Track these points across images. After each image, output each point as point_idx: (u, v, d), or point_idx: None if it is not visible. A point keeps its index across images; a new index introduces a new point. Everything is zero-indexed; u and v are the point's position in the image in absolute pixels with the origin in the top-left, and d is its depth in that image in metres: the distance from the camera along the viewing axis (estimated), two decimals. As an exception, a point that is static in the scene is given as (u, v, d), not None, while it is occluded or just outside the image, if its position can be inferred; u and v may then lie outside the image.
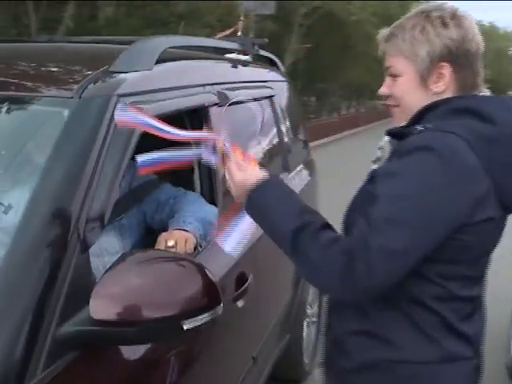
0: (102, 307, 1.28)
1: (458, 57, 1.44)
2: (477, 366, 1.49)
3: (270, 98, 3.20)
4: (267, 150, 3.08)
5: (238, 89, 2.65)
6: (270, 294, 2.53)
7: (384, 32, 1.54)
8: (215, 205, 2.17)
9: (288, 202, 1.42)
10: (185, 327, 1.30)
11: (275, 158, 3.18)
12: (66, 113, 1.58)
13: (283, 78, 3.85)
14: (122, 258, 1.38)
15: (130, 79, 1.79)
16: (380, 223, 1.29)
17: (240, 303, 2.06)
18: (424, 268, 1.36)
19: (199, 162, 2.24)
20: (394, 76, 1.50)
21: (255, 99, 2.91)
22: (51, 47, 2.34)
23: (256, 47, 3.25)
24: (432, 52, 1.44)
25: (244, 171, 1.49)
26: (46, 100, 1.66)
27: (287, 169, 3.26)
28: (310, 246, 1.33)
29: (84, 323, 1.27)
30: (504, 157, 1.38)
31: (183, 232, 1.86)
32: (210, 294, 1.37)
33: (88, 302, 1.28)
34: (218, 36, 4.48)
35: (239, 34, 3.74)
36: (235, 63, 2.92)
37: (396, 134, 1.55)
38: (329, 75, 21.51)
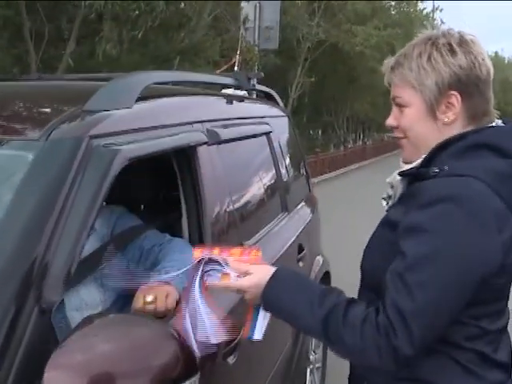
0: (59, 380, 1.11)
1: (467, 85, 1.37)
2: None
3: (266, 134, 3.06)
4: (265, 190, 2.93)
5: (231, 126, 2.52)
6: (264, 345, 2.34)
7: (389, 61, 1.46)
8: (203, 252, 2.01)
9: (305, 292, 1.39)
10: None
11: (273, 198, 3.03)
12: (30, 157, 1.43)
13: (282, 113, 3.73)
14: (85, 322, 1.22)
15: (106, 119, 1.65)
16: (412, 289, 1.25)
17: (231, 360, 1.88)
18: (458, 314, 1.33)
19: (187, 207, 2.10)
20: (401, 107, 1.43)
21: (250, 136, 2.79)
22: (25, 86, 2.22)
23: (252, 82, 3.13)
24: (440, 81, 1.37)
25: (251, 276, 1.43)
26: (11, 143, 1.52)
27: (286, 208, 3.11)
28: (342, 332, 1.30)
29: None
30: None
31: (164, 285, 1.69)
32: (186, 362, 1.20)
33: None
34: (218, 71, 4.38)
35: (236, 68, 3.62)
36: (228, 99, 2.79)
37: (409, 176, 1.45)
38: (334, 108, 21.53)
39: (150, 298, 1.61)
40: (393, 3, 22.46)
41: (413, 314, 1.24)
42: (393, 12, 22.28)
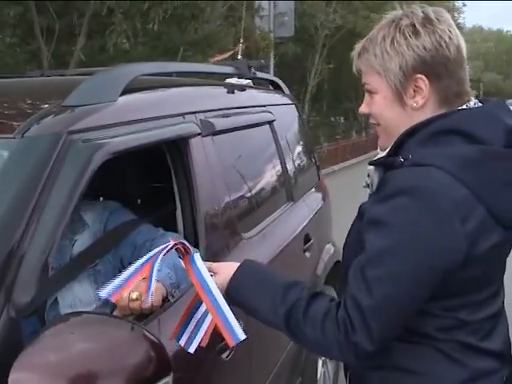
0: (26, 381, 1.08)
1: (433, 66, 1.31)
2: (507, 376, 1.43)
3: (269, 122, 3.01)
4: (267, 179, 2.88)
5: (228, 116, 2.47)
6: (265, 341, 2.30)
7: (357, 47, 1.40)
8: (198, 245, 1.98)
9: (268, 287, 1.38)
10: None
11: (277, 188, 2.98)
12: (5, 154, 1.41)
13: (288, 101, 3.66)
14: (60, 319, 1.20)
15: (86, 113, 1.62)
16: (372, 284, 1.24)
17: (225, 355, 1.84)
18: (428, 306, 1.30)
19: (181, 200, 2.07)
20: (371, 93, 1.38)
21: (250, 125, 2.74)
22: (10, 83, 2.19)
23: (253, 70, 3.07)
24: (404, 65, 1.32)
25: (218, 275, 1.43)
26: (-14, 141, 1.49)
27: (291, 198, 3.05)
28: (304, 327, 1.30)
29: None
30: (494, 177, 1.27)
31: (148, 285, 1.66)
32: (159, 362, 1.17)
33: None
34: (214, 60, 4.32)
35: (239, 57, 3.57)
36: (228, 88, 2.74)
37: (380, 165, 1.42)
38: (355, 95, 21.34)
39: (134, 295, 1.57)
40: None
41: (371, 310, 1.22)
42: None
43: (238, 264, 1.42)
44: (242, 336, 1.34)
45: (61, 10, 7.64)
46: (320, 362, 3.30)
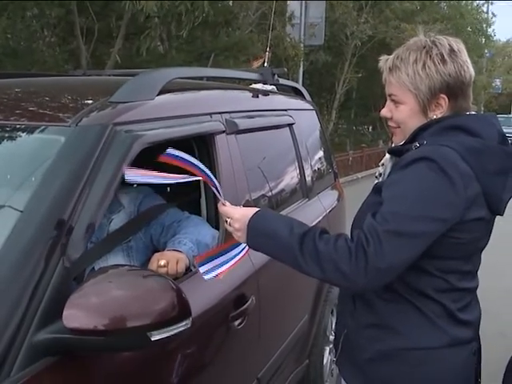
0: (75, 316, 1.37)
1: (454, 89, 1.64)
2: (476, 349, 1.69)
3: (289, 125, 3.29)
4: (284, 176, 3.16)
5: (250, 117, 2.75)
6: (276, 317, 2.58)
7: (387, 62, 1.70)
8: (218, 228, 2.26)
9: (286, 220, 1.63)
10: (153, 338, 1.39)
11: (293, 184, 3.25)
12: (62, 140, 1.71)
13: (309, 107, 3.93)
14: (100, 271, 1.49)
15: (129, 109, 1.92)
16: (386, 216, 1.48)
17: (237, 323, 2.12)
18: (424, 263, 1.55)
19: (205, 188, 2.35)
20: (396, 103, 1.69)
21: (271, 127, 3.02)
22: (63, 80, 2.51)
23: (276, 77, 3.35)
24: (433, 87, 1.63)
25: (241, 208, 1.70)
26: (47, 128, 1.80)
27: (306, 196, 3.32)
28: (318, 243, 1.48)
29: (59, 331, 1.37)
30: (489, 165, 1.56)
31: (176, 253, 1.95)
32: (181, 308, 1.45)
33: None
34: (253, 65, 4.62)
35: (266, 64, 3.85)
36: (253, 93, 3.03)
37: (396, 152, 1.72)
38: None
39: (162, 262, 1.87)
40: (443, -3, 22.26)
41: (385, 233, 1.44)
42: (444, 6, 22.06)
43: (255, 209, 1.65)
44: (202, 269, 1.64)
45: (100, 11, 8.01)
46: (327, 350, 3.57)
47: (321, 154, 3.94)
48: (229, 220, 1.67)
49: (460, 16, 21.24)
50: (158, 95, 2.06)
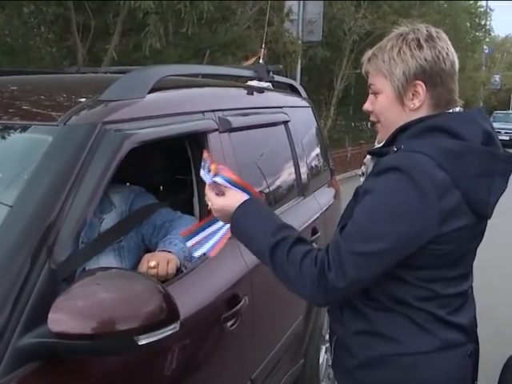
0: (60, 320, 1.35)
1: (431, 76, 1.56)
2: (472, 350, 1.64)
3: (284, 123, 3.26)
4: (279, 174, 3.13)
5: (244, 115, 2.72)
6: (270, 317, 2.55)
7: (367, 53, 1.67)
8: (211, 228, 2.23)
9: (265, 222, 1.57)
10: (140, 342, 1.36)
11: (288, 182, 3.22)
12: (50, 139, 1.68)
13: (305, 104, 3.90)
14: (88, 273, 1.46)
15: (118, 107, 1.89)
16: (351, 233, 1.44)
17: (230, 324, 2.09)
18: (403, 273, 1.51)
19: (198, 188, 2.32)
20: (375, 94, 1.63)
21: (265, 124, 2.99)
22: (54, 78, 2.47)
23: (271, 74, 3.32)
24: (407, 71, 1.56)
25: (224, 197, 1.64)
26: (34, 128, 1.77)
27: (302, 193, 3.30)
28: (285, 261, 1.49)
29: (44, 335, 1.34)
30: (471, 169, 1.49)
31: (166, 253, 1.93)
32: (169, 311, 1.43)
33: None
34: (245, 64, 4.59)
35: (261, 61, 3.82)
36: (248, 90, 3.00)
37: (376, 153, 1.68)
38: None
39: (152, 264, 1.85)
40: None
41: (348, 253, 1.41)
42: (441, 1, 21.98)
43: (247, 196, 1.62)
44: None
45: (97, 8, 7.98)
46: (323, 349, 3.54)
47: (317, 151, 3.91)
48: (209, 205, 1.67)
49: (455, 11, 21.16)
50: (149, 93, 2.03)
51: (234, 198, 1.62)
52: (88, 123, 1.75)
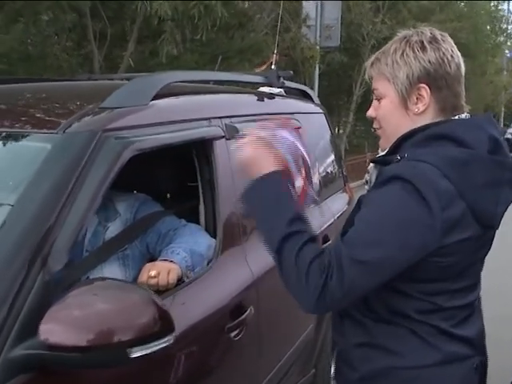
0: (52, 331, 1.33)
1: (436, 79, 1.51)
2: (478, 364, 1.56)
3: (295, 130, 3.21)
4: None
5: (252, 121, 2.69)
6: (277, 327, 2.51)
7: (371, 58, 1.62)
8: (216, 236, 2.20)
9: (283, 205, 1.45)
10: (132, 355, 1.33)
11: (298, 190, 3.17)
12: (48, 147, 1.66)
13: (317, 110, 3.86)
14: (85, 282, 1.44)
15: (120, 115, 1.87)
16: (353, 240, 1.40)
17: (234, 334, 2.06)
18: (405, 286, 1.46)
19: (204, 196, 2.29)
20: (379, 99, 1.58)
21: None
22: (59, 85, 2.47)
23: (282, 80, 3.29)
24: (411, 74, 1.51)
25: (259, 157, 1.50)
26: (34, 136, 1.76)
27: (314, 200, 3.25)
28: (293, 258, 1.39)
29: (36, 347, 1.32)
30: (477, 178, 1.43)
31: (167, 263, 1.89)
32: (163, 323, 1.39)
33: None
34: (259, 70, 4.57)
35: (273, 67, 3.79)
36: (259, 96, 2.97)
37: (380, 162, 1.63)
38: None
39: (153, 273, 1.82)
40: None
41: (348, 259, 1.36)
42: (462, 5, 21.77)
43: (275, 169, 1.48)
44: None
45: (114, 15, 8.02)
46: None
47: (330, 157, 3.87)
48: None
49: (476, 14, 20.93)
50: (153, 100, 2.01)
51: (266, 165, 1.48)
52: (88, 131, 1.73)
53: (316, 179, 3.36)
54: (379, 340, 1.52)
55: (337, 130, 19.18)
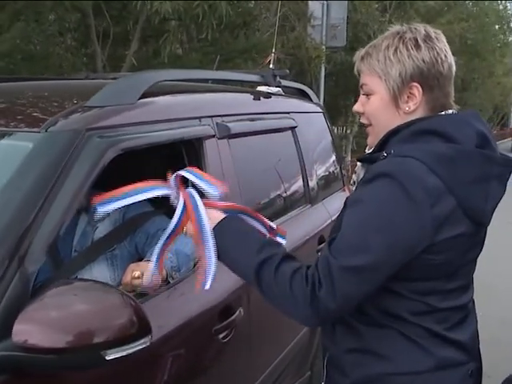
0: (25, 331, 1.31)
1: (428, 78, 1.48)
2: (473, 370, 1.53)
3: (291, 128, 3.18)
4: (284, 182, 3.05)
5: (246, 120, 2.66)
6: (269, 329, 2.48)
7: (360, 51, 1.58)
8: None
9: (247, 241, 1.47)
10: (108, 357, 1.31)
11: (294, 190, 3.15)
12: (30, 146, 1.64)
13: (316, 109, 3.82)
14: (64, 282, 1.42)
15: (105, 114, 1.84)
16: (340, 247, 1.36)
17: (222, 336, 2.03)
18: (397, 286, 1.42)
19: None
20: (368, 94, 1.54)
21: (269, 130, 2.92)
22: (49, 84, 2.44)
23: (278, 79, 3.26)
24: (404, 72, 1.48)
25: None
26: (15, 134, 1.74)
27: (309, 201, 3.22)
28: (273, 280, 1.39)
29: (8, 348, 1.30)
30: (466, 174, 1.40)
31: (152, 263, 1.86)
32: (140, 325, 1.37)
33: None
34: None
35: (271, 66, 3.75)
36: (255, 95, 2.94)
37: (366, 160, 1.60)
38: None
39: (137, 274, 1.80)
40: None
41: (338, 269, 1.33)
42: (469, 5, 21.60)
43: (223, 215, 1.50)
44: (208, 286, 1.43)
45: (117, 15, 8.01)
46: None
47: (328, 157, 3.83)
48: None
49: (484, 14, 20.75)
50: (141, 99, 1.98)
51: (214, 216, 1.50)
52: (71, 130, 1.71)
53: (312, 179, 3.33)
54: (371, 345, 1.48)
55: (344, 130, 19.07)
